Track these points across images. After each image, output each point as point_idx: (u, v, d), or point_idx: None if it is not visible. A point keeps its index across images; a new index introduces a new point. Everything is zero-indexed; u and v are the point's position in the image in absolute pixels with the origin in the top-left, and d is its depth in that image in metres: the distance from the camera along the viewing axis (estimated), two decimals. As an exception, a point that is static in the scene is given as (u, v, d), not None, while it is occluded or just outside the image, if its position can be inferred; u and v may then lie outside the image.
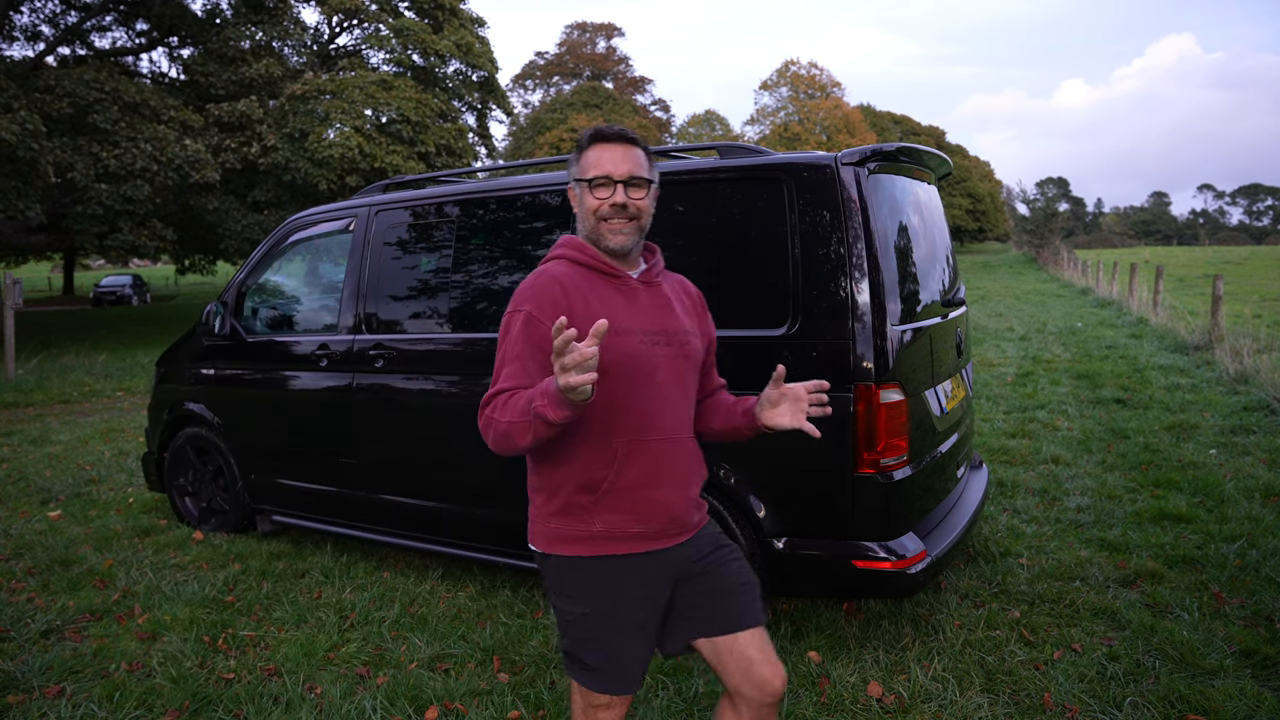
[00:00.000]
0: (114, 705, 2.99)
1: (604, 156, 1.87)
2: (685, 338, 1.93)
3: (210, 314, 4.84)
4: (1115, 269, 21.30)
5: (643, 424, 1.84)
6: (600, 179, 1.86)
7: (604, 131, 1.91)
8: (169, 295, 40.18)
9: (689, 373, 1.95)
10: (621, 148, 1.88)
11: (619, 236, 1.86)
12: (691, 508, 1.94)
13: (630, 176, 1.86)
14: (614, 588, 1.85)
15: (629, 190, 1.86)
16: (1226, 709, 2.73)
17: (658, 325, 1.89)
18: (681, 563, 1.92)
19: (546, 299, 1.82)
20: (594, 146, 1.90)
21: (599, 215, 1.86)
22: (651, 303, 1.91)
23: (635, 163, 1.87)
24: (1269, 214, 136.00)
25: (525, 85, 59.41)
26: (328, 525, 4.45)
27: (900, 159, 3.41)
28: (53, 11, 19.68)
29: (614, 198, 1.85)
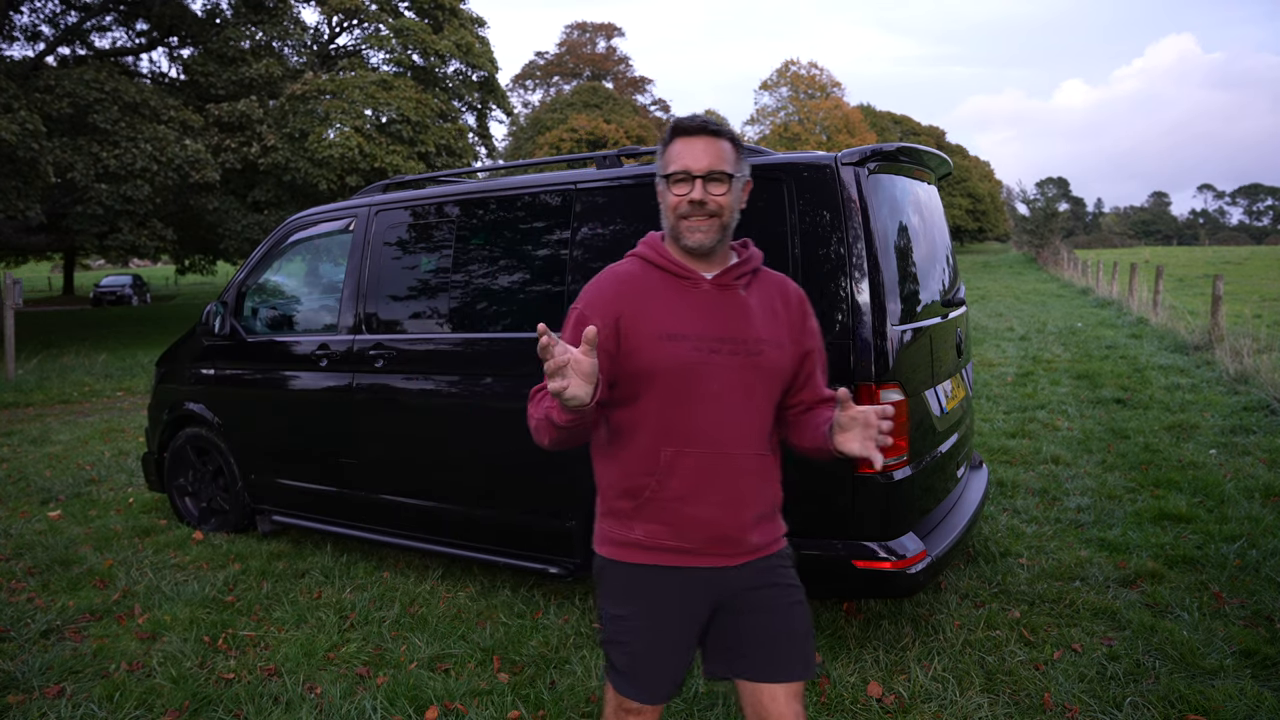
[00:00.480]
0: (114, 705, 2.99)
1: (684, 150, 1.77)
2: (758, 346, 1.78)
3: (210, 314, 4.84)
4: (1115, 269, 21.30)
5: (689, 435, 1.75)
6: (679, 174, 1.76)
7: (684, 124, 1.80)
8: (169, 295, 40.18)
9: (759, 383, 1.79)
10: (702, 140, 1.77)
11: (697, 234, 1.76)
12: (746, 529, 1.79)
13: (710, 171, 1.75)
14: (648, 598, 1.80)
15: (709, 186, 1.75)
16: (1226, 709, 2.73)
17: (721, 331, 1.77)
18: (728, 587, 1.81)
19: (601, 298, 1.79)
20: (675, 140, 1.80)
21: (678, 213, 1.77)
22: (720, 307, 1.79)
23: (716, 156, 1.76)
24: (1269, 214, 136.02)
25: (525, 85, 59.42)
26: (328, 525, 4.45)
27: (900, 159, 3.41)
28: (53, 11, 19.69)
29: (692, 194, 1.75)
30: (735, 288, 1.81)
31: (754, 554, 1.82)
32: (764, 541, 1.83)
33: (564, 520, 3.59)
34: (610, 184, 3.55)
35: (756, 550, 1.82)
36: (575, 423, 1.64)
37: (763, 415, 1.81)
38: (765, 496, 1.84)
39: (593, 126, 43.83)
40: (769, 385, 1.81)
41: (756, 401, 1.79)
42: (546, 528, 3.65)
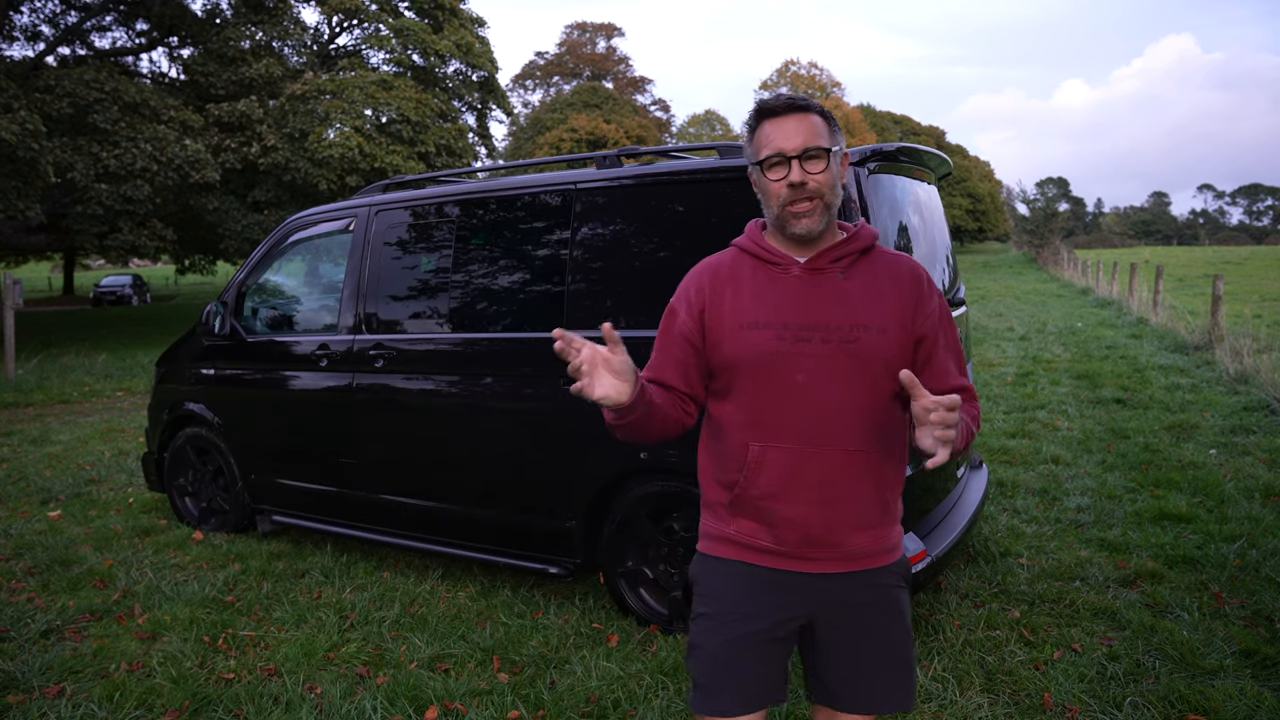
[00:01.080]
0: (114, 705, 2.99)
1: (774, 132, 1.64)
2: (852, 332, 1.63)
3: (210, 314, 4.85)
4: (1115, 269, 21.31)
5: (776, 428, 1.64)
6: (773, 158, 1.63)
7: (770, 104, 1.67)
8: (169, 295, 40.19)
9: (857, 373, 1.63)
10: (793, 119, 1.64)
11: (804, 221, 1.63)
12: (842, 532, 1.65)
13: (806, 149, 1.62)
14: (737, 596, 1.70)
15: (806, 165, 1.62)
16: (1226, 709, 2.73)
17: (810, 318, 1.64)
18: (826, 598, 1.68)
19: (692, 289, 1.74)
20: (762, 123, 1.67)
21: (781, 200, 1.64)
22: (811, 292, 1.66)
23: (810, 132, 1.63)
24: (1269, 214, 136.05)
25: (525, 85, 59.44)
26: (328, 525, 4.45)
27: (900, 159, 3.41)
28: (53, 11, 19.69)
29: (790, 176, 1.62)
30: (831, 271, 1.67)
31: (858, 563, 1.67)
32: (870, 550, 1.68)
33: (564, 520, 3.59)
34: (610, 184, 3.55)
35: (861, 559, 1.67)
36: (622, 421, 1.59)
37: (863, 408, 1.63)
38: (870, 499, 1.66)
39: (593, 126, 43.84)
40: (870, 375, 1.63)
41: (854, 393, 1.63)
42: (546, 528, 3.65)
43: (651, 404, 1.64)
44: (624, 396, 1.54)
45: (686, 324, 1.72)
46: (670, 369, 1.73)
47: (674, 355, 1.73)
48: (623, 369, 1.54)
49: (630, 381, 1.55)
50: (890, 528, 1.72)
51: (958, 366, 1.73)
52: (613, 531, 3.49)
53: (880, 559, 1.70)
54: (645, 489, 3.40)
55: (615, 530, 3.49)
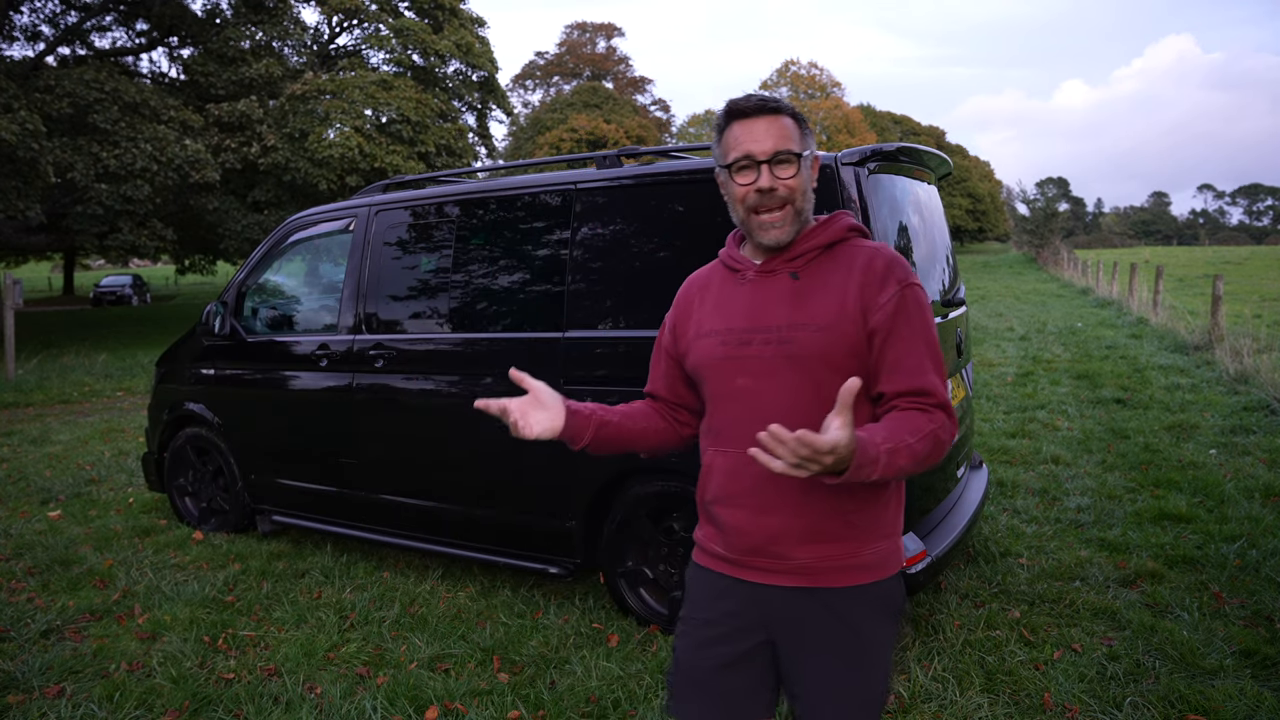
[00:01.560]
0: (114, 705, 2.99)
1: (743, 134, 1.59)
2: (789, 332, 1.56)
3: (210, 314, 4.85)
4: (1115, 269, 21.31)
5: (721, 433, 1.63)
6: (741, 161, 1.58)
7: (740, 105, 1.61)
8: (169, 295, 40.19)
9: (795, 375, 1.55)
10: (763, 120, 1.58)
11: (773, 231, 1.59)
12: (788, 543, 1.56)
13: (776, 153, 1.57)
14: (702, 602, 1.68)
15: (776, 169, 1.57)
16: (1226, 709, 2.73)
17: (754, 322, 1.60)
18: (776, 613, 1.60)
19: (675, 304, 1.78)
20: (732, 124, 1.61)
21: (747, 205, 1.59)
22: (759, 295, 1.62)
23: (780, 135, 1.57)
24: (1269, 214, 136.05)
25: (525, 85, 59.46)
26: (328, 525, 4.45)
27: (900, 159, 3.41)
28: (53, 11, 19.69)
29: (759, 181, 1.57)
30: (782, 272, 1.62)
31: (811, 579, 1.57)
32: (826, 565, 1.57)
33: (564, 520, 3.59)
34: (610, 184, 3.55)
35: (815, 575, 1.57)
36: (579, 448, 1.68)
37: (803, 411, 1.52)
38: (821, 509, 1.55)
39: (593, 126, 43.85)
40: (809, 376, 1.55)
41: (794, 397, 1.55)
42: (546, 528, 3.66)
43: (606, 423, 1.70)
44: (557, 424, 1.62)
45: (666, 337, 1.79)
46: (658, 380, 1.81)
47: (660, 367, 1.80)
48: (550, 401, 1.62)
49: (559, 409, 1.63)
50: (859, 544, 1.58)
51: (918, 364, 1.54)
52: (613, 531, 3.49)
53: (844, 577, 1.57)
54: (645, 489, 3.40)
55: (615, 530, 3.49)
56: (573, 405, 1.70)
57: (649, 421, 1.77)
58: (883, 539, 1.61)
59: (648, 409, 1.80)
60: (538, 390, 1.65)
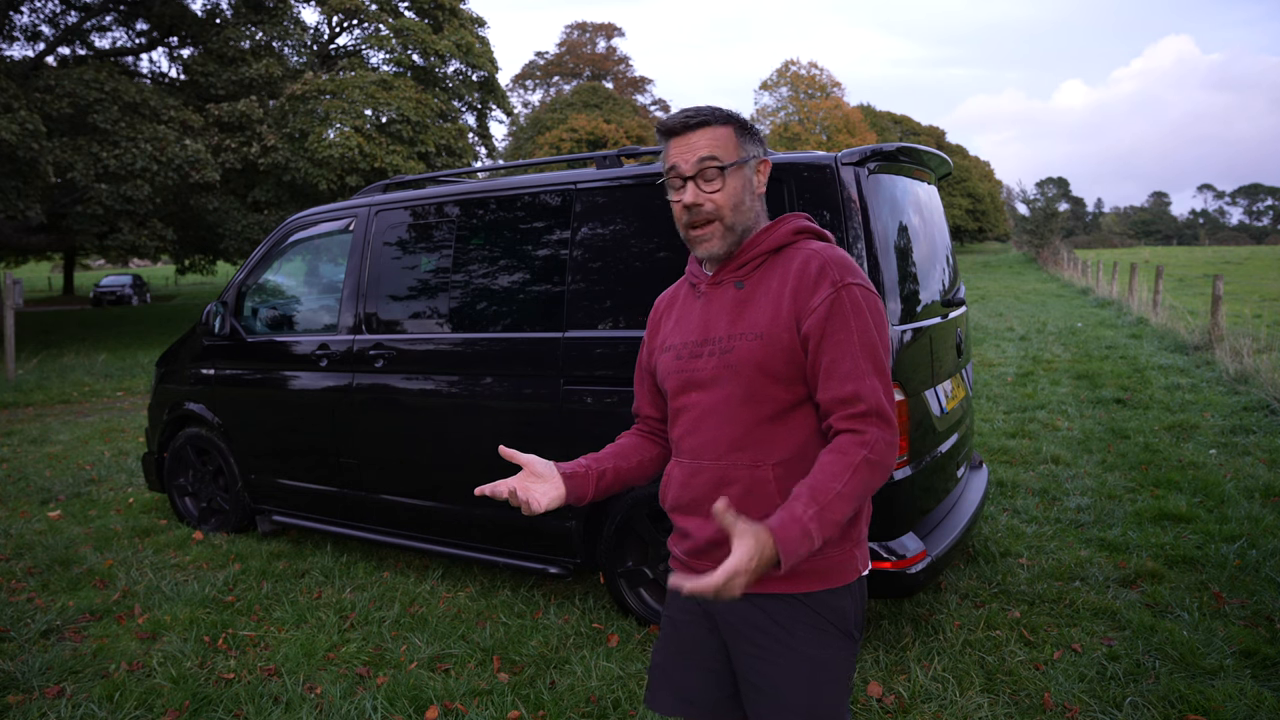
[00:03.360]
0: (114, 705, 2.99)
1: (674, 150, 1.57)
2: (730, 342, 1.55)
3: (210, 314, 4.85)
4: (1115, 269, 21.31)
5: (677, 444, 1.65)
6: (670, 177, 1.57)
7: (668, 124, 1.58)
8: (169, 295, 40.19)
9: (733, 382, 1.54)
10: (693, 135, 1.54)
11: (702, 245, 1.58)
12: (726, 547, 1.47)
13: (700, 167, 1.53)
14: (674, 604, 1.72)
15: (701, 184, 1.54)
16: (1226, 709, 2.73)
17: (701, 334, 1.61)
18: (723, 614, 1.61)
19: (650, 320, 1.80)
20: (668, 143, 1.58)
21: (680, 223, 1.59)
22: (710, 307, 1.62)
23: (707, 146, 1.53)
24: (1269, 214, 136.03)
25: (525, 85, 59.44)
26: (328, 525, 4.45)
27: (900, 159, 3.41)
28: (53, 11, 19.69)
29: (684, 197, 1.55)
30: (728, 282, 1.61)
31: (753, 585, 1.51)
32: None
33: (563, 520, 3.59)
34: (610, 184, 3.55)
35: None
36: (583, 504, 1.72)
37: (743, 422, 1.54)
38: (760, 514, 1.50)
39: (593, 126, 43.83)
40: (745, 384, 1.53)
41: (732, 405, 1.54)
42: (546, 528, 3.66)
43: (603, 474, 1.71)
44: (560, 491, 1.64)
45: (643, 355, 1.81)
46: (644, 399, 1.83)
47: (644, 385, 1.82)
48: (544, 471, 1.64)
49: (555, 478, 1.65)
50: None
51: (851, 368, 1.47)
52: (613, 531, 3.49)
53: (785, 584, 1.52)
54: (645, 489, 3.40)
55: (615, 530, 3.49)
56: (566, 468, 1.69)
57: (642, 453, 1.78)
58: (833, 544, 1.54)
59: (638, 439, 1.81)
60: (530, 464, 1.66)
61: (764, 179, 1.62)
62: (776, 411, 1.54)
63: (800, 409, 1.55)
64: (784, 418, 1.54)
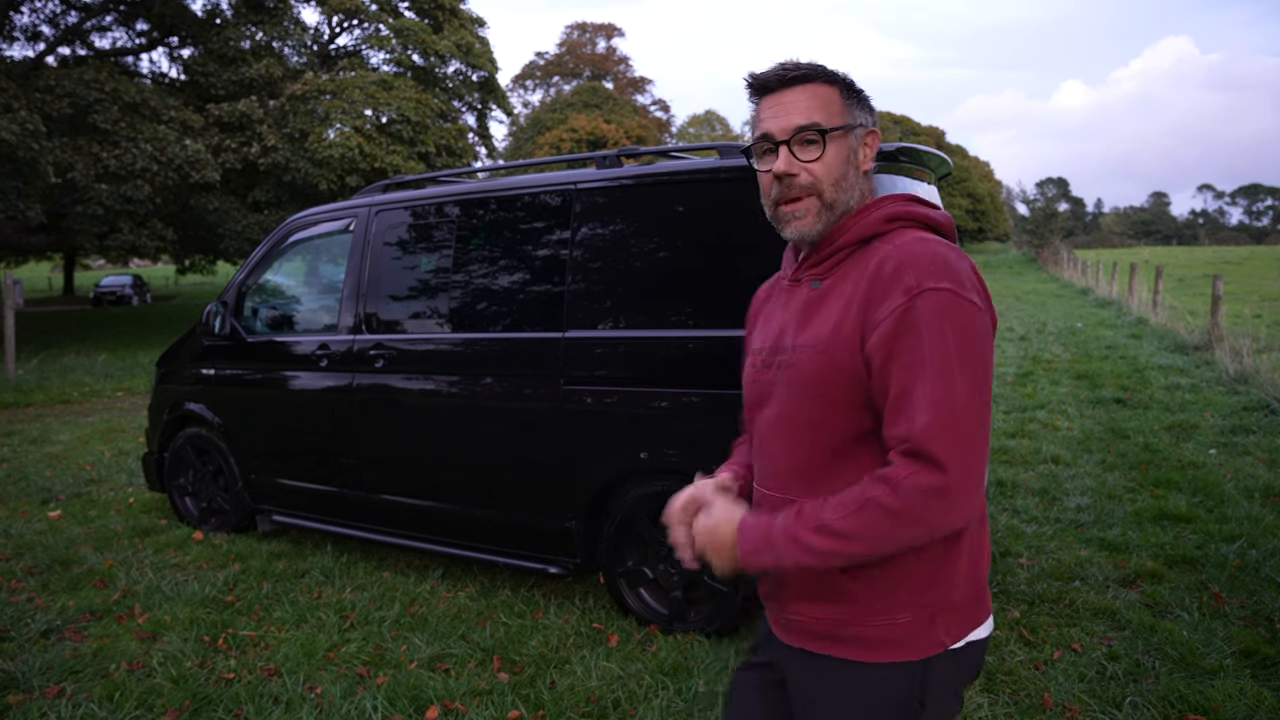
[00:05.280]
0: (114, 705, 2.98)
1: (767, 111, 1.32)
2: (794, 354, 1.31)
3: (210, 314, 4.85)
4: (1115, 269, 21.32)
5: (757, 466, 1.43)
6: (761, 144, 1.33)
7: (761, 77, 1.33)
8: (169, 295, 40.18)
9: (795, 402, 1.30)
10: (790, 92, 1.30)
11: (794, 224, 1.32)
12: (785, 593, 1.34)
13: (798, 129, 1.28)
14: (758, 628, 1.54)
15: (797, 150, 1.29)
16: (1226, 709, 2.73)
17: (774, 340, 1.38)
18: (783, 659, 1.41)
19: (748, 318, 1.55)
20: (760, 102, 1.34)
21: (771, 198, 1.34)
22: (787, 310, 1.39)
23: (807, 107, 1.29)
24: (1269, 214, 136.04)
25: (525, 85, 59.46)
26: (328, 525, 4.45)
27: (900, 159, 3.41)
28: (53, 11, 19.68)
29: (776, 165, 1.30)
30: (806, 281, 1.37)
31: (800, 639, 1.34)
32: (815, 630, 1.31)
33: (564, 520, 3.59)
34: (610, 184, 3.55)
35: (804, 634, 1.33)
36: None
37: (803, 447, 1.29)
38: None
39: (593, 126, 43.84)
40: (806, 405, 1.28)
41: (794, 427, 1.30)
42: (546, 527, 3.66)
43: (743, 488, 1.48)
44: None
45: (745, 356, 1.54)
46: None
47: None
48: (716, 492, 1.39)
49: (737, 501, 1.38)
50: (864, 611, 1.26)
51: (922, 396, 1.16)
52: (613, 531, 3.49)
53: (838, 648, 1.29)
54: (645, 489, 3.40)
55: (615, 530, 3.49)
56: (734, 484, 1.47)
57: None
58: (901, 609, 1.25)
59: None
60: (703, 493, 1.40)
61: (872, 153, 1.36)
62: (841, 442, 1.28)
63: (868, 442, 1.26)
64: (849, 450, 1.27)
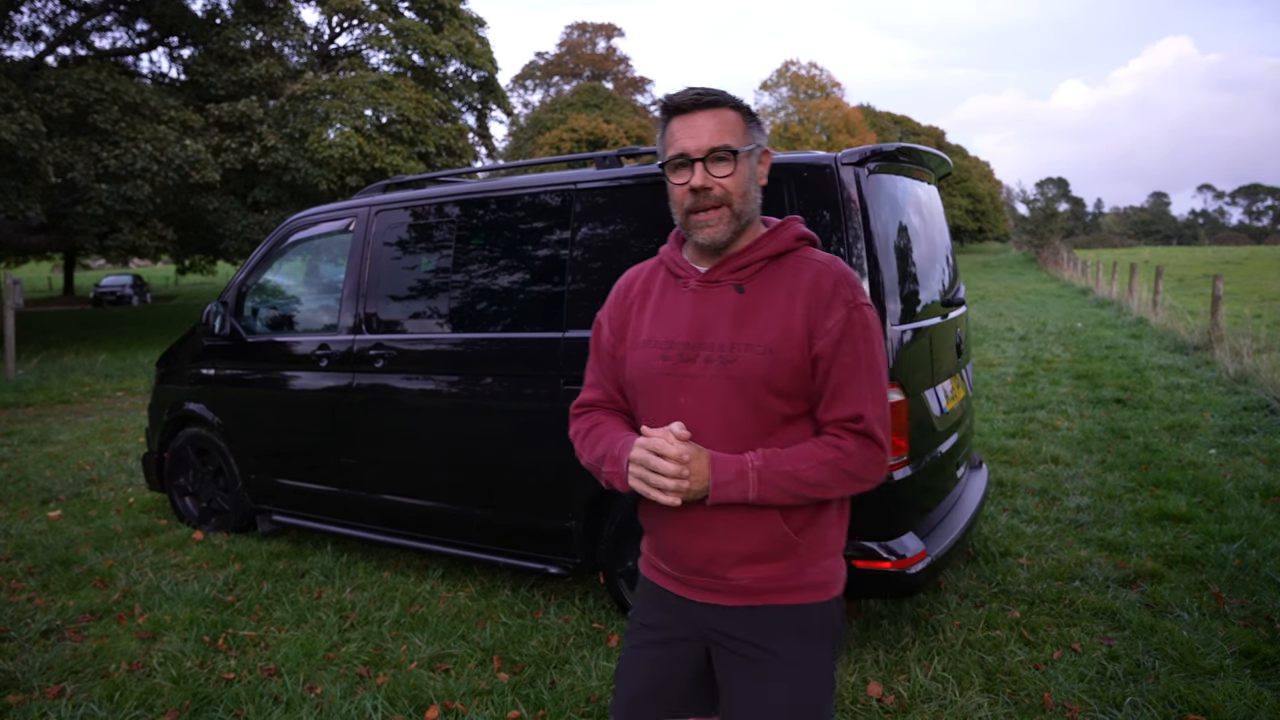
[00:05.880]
0: (114, 705, 2.99)
1: (680, 131, 1.51)
2: (732, 351, 1.50)
3: (210, 314, 4.85)
4: (1115, 269, 21.31)
5: None
6: (676, 159, 1.51)
7: (676, 100, 1.52)
8: (169, 295, 40.18)
9: (735, 394, 1.50)
10: (701, 115, 1.50)
11: (706, 230, 1.51)
12: (721, 565, 1.55)
13: (711, 149, 1.49)
14: (648, 613, 1.69)
15: (711, 167, 1.49)
16: (1226, 709, 2.73)
17: (698, 336, 1.54)
18: (714, 627, 1.59)
19: (613, 302, 1.71)
20: (671, 121, 1.53)
21: (684, 206, 1.53)
22: (704, 308, 1.55)
23: (717, 130, 1.49)
24: (1269, 214, 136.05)
25: (525, 85, 59.41)
26: (328, 525, 4.45)
27: (900, 159, 3.41)
28: (53, 11, 19.67)
29: (692, 180, 1.49)
30: (727, 284, 1.56)
31: (743, 599, 1.56)
32: (757, 586, 1.55)
33: (563, 520, 3.59)
34: (610, 184, 3.55)
35: (746, 595, 1.56)
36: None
37: (742, 434, 1.51)
38: (761, 530, 1.52)
39: (593, 126, 43.83)
40: (749, 398, 1.50)
41: (732, 417, 1.51)
42: (546, 527, 3.65)
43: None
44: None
45: (608, 337, 1.70)
46: (607, 384, 1.72)
47: (606, 367, 1.71)
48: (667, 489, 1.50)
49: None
50: (805, 563, 1.56)
51: (858, 392, 1.50)
52: (613, 531, 3.49)
53: (779, 597, 1.55)
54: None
55: (615, 530, 3.49)
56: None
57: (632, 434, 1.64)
58: (828, 556, 1.59)
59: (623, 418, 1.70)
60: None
61: (766, 170, 1.60)
62: (775, 424, 1.53)
63: (797, 423, 1.55)
64: (780, 430, 1.53)
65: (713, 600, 1.58)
